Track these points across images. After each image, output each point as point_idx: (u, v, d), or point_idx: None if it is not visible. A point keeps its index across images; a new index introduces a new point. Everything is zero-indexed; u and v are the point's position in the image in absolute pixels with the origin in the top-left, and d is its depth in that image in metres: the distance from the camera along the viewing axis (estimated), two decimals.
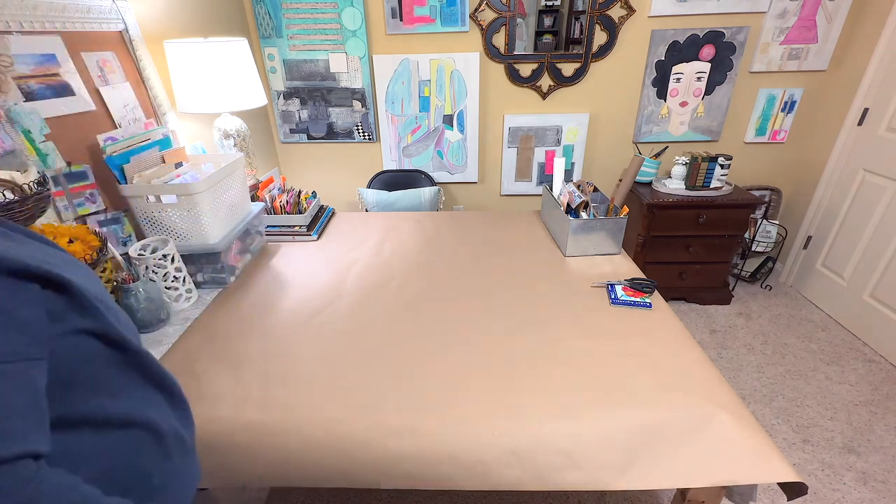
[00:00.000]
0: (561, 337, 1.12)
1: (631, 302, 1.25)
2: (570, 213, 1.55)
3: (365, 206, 2.30)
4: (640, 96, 2.33)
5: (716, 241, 2.28)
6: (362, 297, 1.32)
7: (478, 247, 1.61)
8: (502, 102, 2.39)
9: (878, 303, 2.08)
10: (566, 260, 1.51)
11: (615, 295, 1.28)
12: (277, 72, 2.34)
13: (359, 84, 2.35)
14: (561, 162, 1.72)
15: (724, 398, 0.93)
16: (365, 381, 1.00)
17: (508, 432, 0.88)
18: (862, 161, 2.13)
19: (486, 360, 1.05)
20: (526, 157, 2.50)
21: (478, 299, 1.29)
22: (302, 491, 1.53)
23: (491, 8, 2.15)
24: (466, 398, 0.94)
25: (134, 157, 1.27)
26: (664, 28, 2.16)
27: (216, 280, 1.38)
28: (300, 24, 2.21)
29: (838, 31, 2.13)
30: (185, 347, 1.11)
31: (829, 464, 1.56)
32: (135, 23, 1.45)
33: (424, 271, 1.46)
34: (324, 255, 1.59)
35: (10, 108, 1.03)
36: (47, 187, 0.94)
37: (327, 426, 0.90)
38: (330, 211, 1.91)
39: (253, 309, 1.28)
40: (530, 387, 0.97)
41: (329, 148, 2.56)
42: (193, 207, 1.26)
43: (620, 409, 0.91)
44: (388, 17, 2.18)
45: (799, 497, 0.89)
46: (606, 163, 2.54)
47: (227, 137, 1.75)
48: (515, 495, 1.49)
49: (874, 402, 1.81)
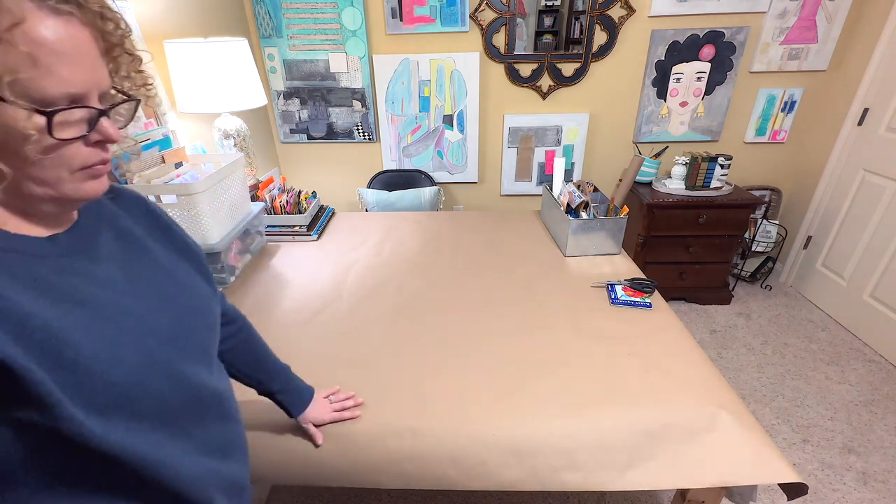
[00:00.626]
0: (561, 337, 1.12)
1: (631, 302, 1.25)
2: (570, 213, 1.55)
3: (365, 206, 2.30)
4: (640, 96, 2.33)
5: (716, 241, 2.28)
6: (362, 297, 1.32)
7: (478, 247, 1.61)
8: (502, 102, 2.39)
9: (878, 303, 2.07)
10: (566, 260, 1.51)
11: (615, 295, 1.28)
12: (277, 72, 2.34)
13: (359, 84, 2.35)
14: (561, 162, 1.72)
15: (724, 398, 0.93)
16: (365, 381, 1.00)
17: (508, 432, 0.88)
18: (862, 161, 2.13)
19: (486, 360, 1.05)
20: (526, 157, 2.50)
21: (478, 299, 1.29)
22: (302, 491, 1.53)
23: (491, 8, 2.15)
24: (467, 398, 0.94)
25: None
26: (664, 28, 2.16)
27: (216, 280, 1.38)
28: (300, 24, 2.21)
29: (838, 31, 2.13)
30: None
31: (829, 464, 1.56)
32: (135, 23, 1.45)
33: (424, 271, 1.46)
34: (324, 255, 1.59)
35: None
36: None
37: (327, 426, 0.90)
38: (330, 211, 1.91)
39: (253, 309, 1.27)
40: (530, 387, 0.97)
41: (329, 148, 2.56)
42: (193, 207, 1.26)
43: (620, 409, 0.91)
44: (388, 17, 2.18)
45: (799, 497, 0.89)
46: (606, 163, 2.53)
47: (227, 137, 1.75)
48: (515, 495, 1.49)
49: (874, 402, 1.81)
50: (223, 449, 0.56)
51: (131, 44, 0.47)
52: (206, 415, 0.54)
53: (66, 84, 0.39)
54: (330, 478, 0.91)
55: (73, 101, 0.40)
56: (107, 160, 0.46)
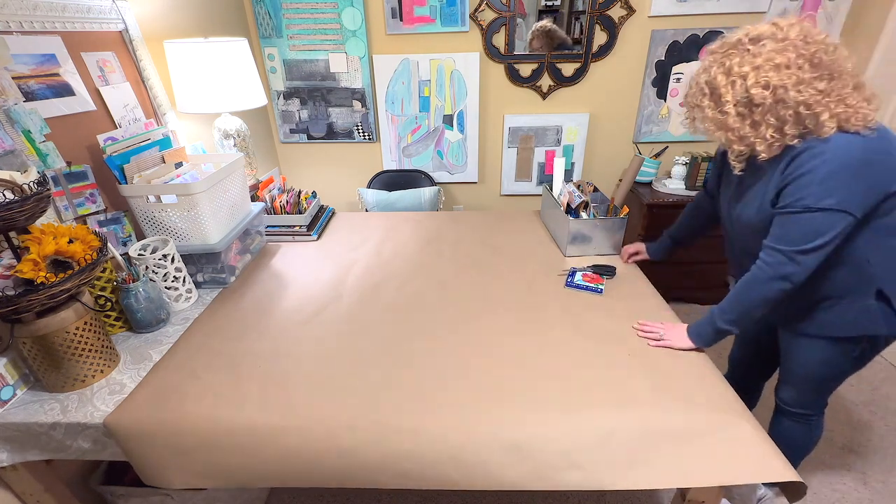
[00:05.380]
0: (562, 337, 1.12)
1: (584, 286, 1.32)
2: (570, 213, 1.55)
3: (365, 206, 2.30)
4: (640, 96, 2.33)
5: (716, 240, 2.27)
6: (362, 298, 1.32)
7: (478, 247, 1.61)
8: (502, 102, 2.39)
9: None
10: (566, 260, 1.51)
11: (571, 279, 1.36)
12: (277, 72, 2.34)
13: (359, 84, 2.35)
14: (561, 162, 1.72)
15: (723, 399, 0.93)
16: (365, 381, 1.00)
17: (509, 432, 0.88)
18: None
19: (486, 360, 1.05)
20: (526, 157, 2.50)
21: (478, 299, 1.29)
22: (302, 491, 1.53)
23: (491, 8, 2.15)
24: (467, 398, 0.94)
25: (134, 157, 1.27)
26: (664, 28, 2.16)
27: (216, 280, 1.38)
28: (300, 24, 2.21)
29: (838, 31, 2.13)
30: (185, 347, 1.11)
31: (829, 464, 1.56)
32: (135, 23, 1.45)
33: (424, 271, 1.46)
34: (324, 256, 1.59)
35: (10, 107, 1.03)
36: (47, 187, 0.94)
37: (327, 426, 0.90)
38: (330, 211, 1.91)
39: (253, 309, 1.28)
40: (531, 386, 0.97)
41: (329, 148, 2.56)
42: (193, 207, 1.26)
43: (621, 408, 0.91)
44: (388, 17, 2.18)
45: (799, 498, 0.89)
46: (606, 163, 2.53)
47: (227, 137, 1.75)
48: (515, 495, 1.49)
49: (874, 402, 1.81)
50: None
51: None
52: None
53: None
54: (330, 478, 0.91)
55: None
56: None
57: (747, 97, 0.88)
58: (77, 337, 0.95)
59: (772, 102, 0.87)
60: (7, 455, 0.96)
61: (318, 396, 0.96)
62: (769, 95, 0.86)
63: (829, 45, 0.87)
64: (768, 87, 0.86)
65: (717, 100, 0.94)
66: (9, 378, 0.95)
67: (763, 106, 0.88)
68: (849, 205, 0.86)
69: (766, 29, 0.90)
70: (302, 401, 0.95)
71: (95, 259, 0.95)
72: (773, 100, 0.86)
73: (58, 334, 0.92)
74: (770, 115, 0.88)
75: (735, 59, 0.90)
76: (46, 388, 0.99)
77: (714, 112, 0.95)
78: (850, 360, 1.09)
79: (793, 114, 0.87)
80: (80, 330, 0.96)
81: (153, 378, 1.01)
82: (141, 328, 1.16)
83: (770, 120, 0.88)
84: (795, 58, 0.85)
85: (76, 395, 0.98)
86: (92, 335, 0.98)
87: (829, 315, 1.04)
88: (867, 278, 0.97)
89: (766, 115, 0.88)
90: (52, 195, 1.09)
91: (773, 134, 0.89)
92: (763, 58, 0.86)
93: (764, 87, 0.86)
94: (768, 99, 0.86)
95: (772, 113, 0.88)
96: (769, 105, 0.87)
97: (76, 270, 0.90)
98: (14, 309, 0.84)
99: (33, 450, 0.96)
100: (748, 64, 0.88)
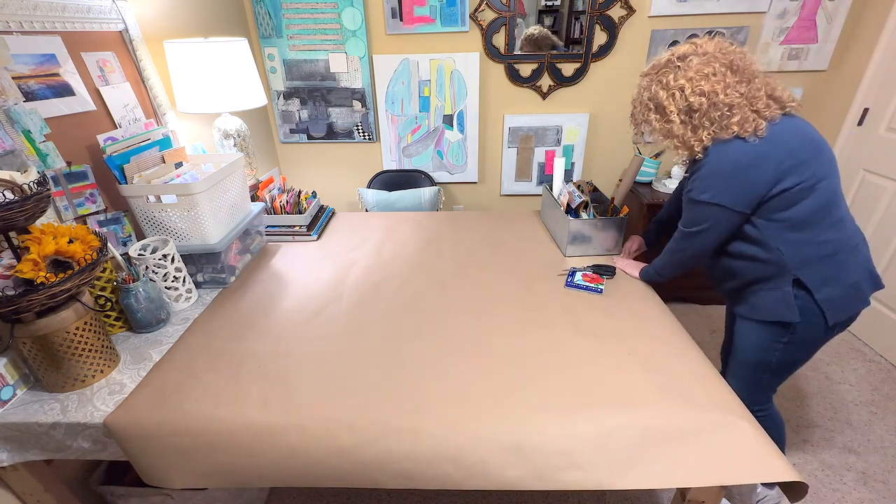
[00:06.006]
0: (561, 337, 1.12)
1: (584, 286, 1.33)
2: (570, 213, 1.55)
3: (365, 206, 2.30)
4: None
5: None
6: (362, 298, 1.32)
7: (478, 247, 1.61)
8: (502, 102, 2.39)
9: (878, 303, 2.07)
10: (566, 260, 1.51)
11: (571, 280, 1.36)
12: (277, 72, 2.34)
13: (359, 84, 2.35)
14: (561, 162, 1.72)
15: (723, 398, 0.93)
16: (365, 381, 1.00)
17: (509, 431, 0.88)
18: (862, 161, 2.13)
19: (486, 360, 1.05)
20: (526, 157, 2.50)
21: (478, 300, 1.29)
22: (302, 491, 1.53)
23: (491, 8, 2.15)
24: (467, 397, 0.94)
25: (134, 157, 1.27)
26: (664, 28, 2.16)
27: (216, 280, 1.38)
28: (300, 24, 2.21)
29: (838, 31, 2.13)
30: (185, 347, 1.11)
31: (829, 464, 1.57)
32: (135, 23, 1.45)
33: (424, 271, 1.46)
34: (324, 256, 1.59)
35: (10, 107, 1.03)
36: (47, 187, 0.94)
37: (327, 426, 0.90)
38: (330, 211, 1.91)
39: (253, 309, 1.28)
40: (531, 386, 0.97)
41: (329, 148, 2.56)
42: (193, 207, 1.26)
43: (621, 408, 0.91)
44: (388, 17, 2.18)
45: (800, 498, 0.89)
46: (606, 163, 2.53)
47: (227, 137, 1.75)
48: (515, 495, 1.49)
49: (874, 402, 1.81)
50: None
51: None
52: None
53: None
54: (330, 477, 0.91)
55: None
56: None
57: (687, 105, 1.03)
58: (77, 337, 0.95)
59: (707, 107, 1.01)
60: (7, 455, 0.96)
61: (318, 396, 0.96)
62: (705, 101, 1.01)
63: (741, 52, 1.04)
64: (703, 93, 1.01)
65: (661, 112, 1.09)
66: (9, 378, 0.95)
67: (700, 111, 1.03)
68: (721, 199, 1.03)
69: (687, 48, 1.06)
70: (302, 401, 0.95)
71: (95, 259, 0.95)
72: (707, 104, 1.01)
73: (58, 334, 0.92)
74: (705, 119, 1.03)
75: (670, 76, 1.05)
76: (46, 388, 0.99)
77: (661, 123, 1.10)
78: (780, 346, 1.16)
79: (720, 115, 1.01)
80: (80, 330, 0.96)
81: (153, 378, 1.01)
82: (141, 328, 1.16)
83: (705, 123, 1.03)
84: (719, 66, 1.01)
85: (76, 395, 0.98)
86: (92, 335, 0.98)
87: (756, 298, 1.15)
88: (782, 266, 1.07)
89: (703, 118, 1.03)
90: (52, 195, 1.09)
91: (707, 135, 1.03)
92: (693, 70, 1.02)
93: (700, 94, 1.01)
94: (705, 104, 1.01)
95: (707, 116, 1.02)
96: (705, 109, 1.02)
97: (76, 270, 0.90)
98: (14, 309, 0.84)
99: (33, 450, 0.96)
100: (682, 77, 1.03)
